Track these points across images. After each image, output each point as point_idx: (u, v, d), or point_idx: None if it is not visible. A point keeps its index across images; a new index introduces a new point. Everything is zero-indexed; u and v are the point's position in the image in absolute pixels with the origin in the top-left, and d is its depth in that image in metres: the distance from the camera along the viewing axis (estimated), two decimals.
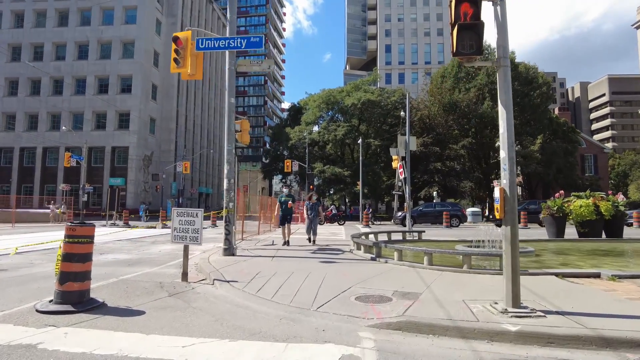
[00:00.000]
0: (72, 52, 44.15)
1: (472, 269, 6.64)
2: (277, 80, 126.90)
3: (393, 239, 12.54)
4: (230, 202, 8.77)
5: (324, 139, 41.33)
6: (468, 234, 18.15)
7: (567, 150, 38.30)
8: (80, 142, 39.23)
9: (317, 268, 7.12)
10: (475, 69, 40.37)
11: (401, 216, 25.49)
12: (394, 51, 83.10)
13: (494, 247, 9.92)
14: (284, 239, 11.39)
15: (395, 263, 7.42)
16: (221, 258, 8.37)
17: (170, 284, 6.22)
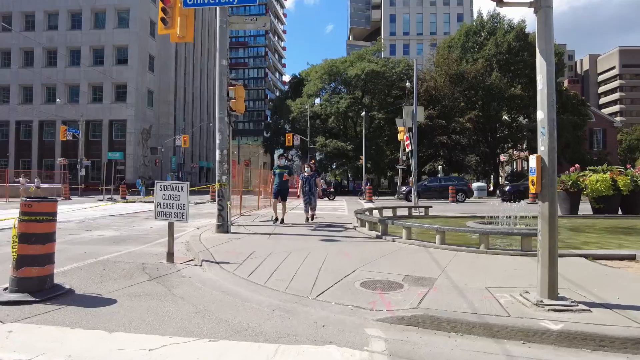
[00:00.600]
0: (64, 21, 42.56)
1: (491, 248, 5.97)
2: (278, 51, 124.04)
3: (398, 215, 11.89)
4: (223, 175, 8.05)
5: (326, 112, 40.24)
6: (476, 209, 17.49)
7: (576, 124, 37.16)
8: (76, 115, 38.33)
9: (318, 247, 6.47)
10: (483, 39, 38.78)
11: (405, 191, 24.83)
12: (399, 21, 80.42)
13: (508, 224, 9.27)
14: (274, 214, 10.32)
15: (404, 242, 6.76)
16: (214, 235, 7.73)
17: (153, 266, 5.59)
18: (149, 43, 44.34)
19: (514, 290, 3.96)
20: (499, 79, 34.38)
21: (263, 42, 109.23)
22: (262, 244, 6.84)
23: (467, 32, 39.26)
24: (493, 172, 40.39)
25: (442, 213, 13.72)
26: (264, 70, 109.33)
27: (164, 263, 5.75)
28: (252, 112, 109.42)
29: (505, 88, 34.06)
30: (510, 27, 36.66)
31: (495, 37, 36.04)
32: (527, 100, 35.47)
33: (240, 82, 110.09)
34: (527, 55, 35.62)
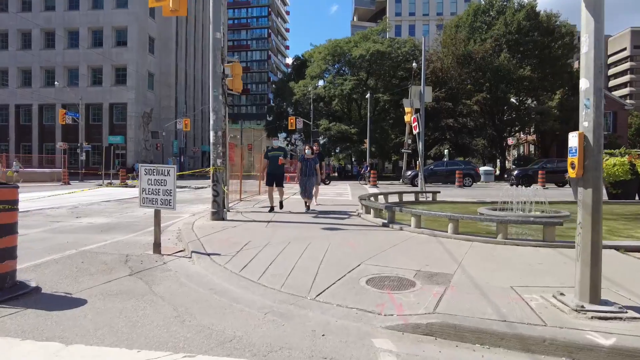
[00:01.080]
0: (62, 2, 41.54)
1: (509, 238, 5.41)
2: (281, 33, 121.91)
3: (405, 201, 11.34)
4: (217, 159, 7.49)
5: (329, 94, 39.36)
6: (485, 194, 16.90)
7: None
8: (76, 98, 37.70)
9: (319, 237, 5.94)
10: (492, 18, 37.47)
11: (410, 175, 24.21)
12: (405, 1, 78.40)
13: (523, 211, 8.69)
14: (270, 203, 9.27)
15: (413, 230, 6.22)
16: (208, 223, 7.22)
17: (138, 258, 5.09)
18: (149, 24, 43.33)
19: (545, 291, 3.41)
20: (508, 60, 33.25)
21: (266, 24, 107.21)
22: (259, 232, 6.32)
23: (475, 11, 37.91)
24: (500, 156, 39.57)
25: (449, 198, 13.16)
26: (266, 53, 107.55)
27: (150, 254, 5.25)
28: (255, 95, 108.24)
29: (514, 69, 32.98)
30: (520, 6, 35.32)
31: (504, 16, 34.74)
32: (536, 82, 34.41)
33: (243, 64, 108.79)
34: (537, 35, 34.39)
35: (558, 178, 22.87)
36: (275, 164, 9.02)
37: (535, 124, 34.34)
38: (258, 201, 12.34)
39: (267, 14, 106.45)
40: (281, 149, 9.48)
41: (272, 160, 9.07)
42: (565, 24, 35.13)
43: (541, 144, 42.39)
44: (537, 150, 44.84)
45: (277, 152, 9.16)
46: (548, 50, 34.37)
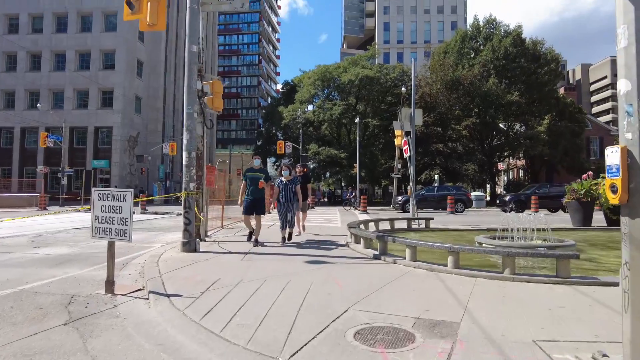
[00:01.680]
0: (50, 25, 41.24)
1: (517, 274, 4.73)
2: (272, 60, 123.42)
3: (397, 228, 10.65)
4: (191, 183, 6.76)
5: (319, 119, 39.13)
6: (479, 220, 16.31)
7: (574, 132, 36.35)
8: (60, 121, 36.85)
9: (301, 272, 5.18)
10: (479, 44, 38.06)
11: (401, 201, 23.65)
12: (393, 29, 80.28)
13: (525, 239, 8.06)
14: (248, 228, 8.02)
15: (408, 264, 5.50)
16: (177, 255, 6.42)
17: (84, 299, 4.27)
18: (138, 48, 43.12)
19: (578, 348, 2.71)
20: (496, 85, 33.51)
21: (256, 50, 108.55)
22: (233, 267, 5.54)
23: (462, 37, 38.52)
24: (490, 181, 39.37)
25: (443, 225, 12.52)
26: (257, 79, 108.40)
27: (100, 295, 4.44)
28: (245, 120, 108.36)
29: (503, 94, 33.20)
30: (506, 33, 35.95)
31: (491, 43, 35.27)
32: (524, 107, 34.64)
33: (234, 90, 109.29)
34: (524, 61, 34.88)
35: (551, 203, 22.49)
36: (255, 187, 7.63)
37: (525, 149, 34.32)
38: (241, 228, 11.54)
39: (258, 40, 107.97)
40: (262, 170, 8.01)
41: (251, 183, 7.67)
42: (550, 51, 35.75)
43: (530, 168, 42.44)
44: (527, 175, 44.86)
45: (257, 174, 7.70)
46: (535, 76, 34.80)
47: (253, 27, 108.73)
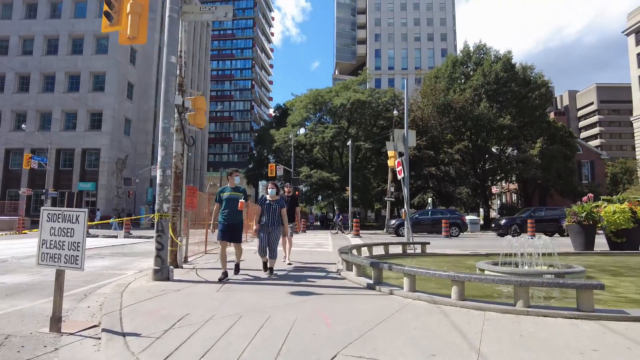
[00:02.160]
0: (40, 47, 41.03)
1: (532, 306, 4.11)
2: (265, 85, 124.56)
3: (391, 253, 10.01)
4: (165, 203, 6.12)
5: (310, 142, 38.83)
6: (476, 245, 15.73)
7: (566, 156, 36.40)
8: (46, 143, 36.10)
9: (283, 306, 4.49)
10: (470, 69, 38.45)
11: (395, 224, 23.05)
12: (384, 56, 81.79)
13: (529, 265, 7.46)
14: (223, 267, 6.40)
15: (406, 295, 4.85)
16: (147, 285, 5.71)
17: (20, 340, 3.56)
18: (129, 70, 42.94)
19: None
20: (488, 109, 33.62)
21: (249, 75, 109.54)
22: (206, 299, 4.84)
23: (453, 62, 38.94)
24: (483, 204, 39.01)
25: (439, 250, 11.90)
26: (249, 103, 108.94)
27: (43, 334, 3.73)
28: (237, 144, 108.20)
29: (494, 118, 33.28)
30: (497, 58, 36.39)
31: (482, 67, 35.63)
32: (516, 130, 34.72)
33: (226, 114, 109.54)
34: (514, 85, 35.19)
35: (547, 227, 22.05)
36: (233, 209, 6.42)
37: (518, 172, 34.16)
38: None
39: (251, 66, 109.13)
40: (239, 190, 6.66)
41: (227, 205, 6.45)
42: (539, 76, 36.18)
43: (523, 192, 42.26)
44: (520, 199, 44.66)
45: (234, 194, 6.49)
46: (526, 100, 35.06)
47: (246, 52, 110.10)
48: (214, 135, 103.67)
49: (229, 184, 6.66)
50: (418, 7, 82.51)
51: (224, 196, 6.55)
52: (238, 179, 6.95)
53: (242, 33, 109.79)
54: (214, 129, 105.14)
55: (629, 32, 64.11)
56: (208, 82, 71.85)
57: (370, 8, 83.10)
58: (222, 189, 6.71)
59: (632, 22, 62.73)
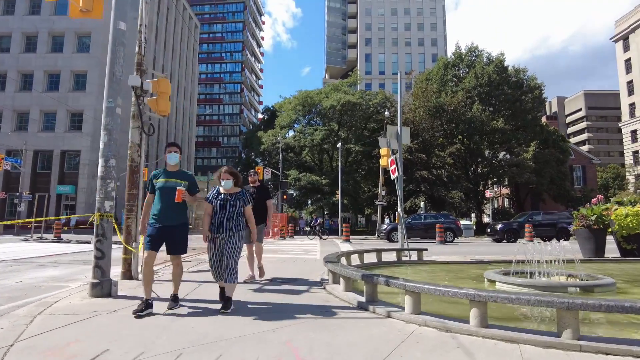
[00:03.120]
0: (18, 44, 39.38)
1: (584, 338, 3.00)
2: (254, 89, 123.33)
3: (385, 261, 8.89)
4: (107, 201, 4.91)
5: (299, 144, 37.69)
6: (474, 251, 14.68)
7: (559, 160, 35.84)
8: (21, 143, 34.42)
9: (243, 339, 3.29)
10: (462, 71, 37.78)
11: (387, 229, 21.99)
12: (374, 61, 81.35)
13: (546, 275, 6.40)
14: (146, 295, 4.14)
15: (409, 319, 3.71)
16: (80, 303, 4.48)
17: None
18: None
19: None
20: (481, 112, 32.89)
21: (239, 79, 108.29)
22: (141, 328, 3.61)
23: (445, 65, 38.27)
24: (476, 209, 38.19)
25: (436, 257, 10.81)
26: (239, 107, 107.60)
27: None
28: (227, 148, 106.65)
29: (487, 121, 32.55)
30: (489, 60, 35.79)
31: (474, 70, 34.98)
32: (509, 133, 34.04)
33: (215, 117, 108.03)
34: (506, 88, 34.58)
35: (544, 232, 21.14)
36: (168, 203, 4.27)
37: (512, 176, 33.42)
38: (200, 261, 9.61)
39: (241, 69, 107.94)
40: (184, 174, 4.50)
41: (161, 197, 4.32)
42: (532, 78, 35.63)
43: (516, 197, 41.61)
44: (512, 204, 44.01)
45: (172, 181, 4.33)
46: (519, 103, 34.45)
47: (236, 56, 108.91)
48: (202, 139, 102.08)
49: (167, 165, 4.51)
50: (409, 12, 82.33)
51: (158, 183, 4.37)
52: (176, 156, 4.46)
53: (232, 36, 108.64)
54: (202, 132, 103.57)
55: (617, 38, 64.55)
56: (196, 84, 70.50)
57: (361, 12, 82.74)
58: (155, 172, 4.51)
59: (620, 28, 63.19)
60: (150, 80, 6.75)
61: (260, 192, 6.61)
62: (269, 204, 6.71)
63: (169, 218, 4.29)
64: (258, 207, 5.99)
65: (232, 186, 4.58)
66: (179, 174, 4.47)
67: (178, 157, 4.51)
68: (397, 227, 20.95)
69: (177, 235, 4.36)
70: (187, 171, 4.67)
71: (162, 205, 4.30)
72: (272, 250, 14.22)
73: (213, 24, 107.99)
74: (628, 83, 61.87)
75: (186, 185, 4.36)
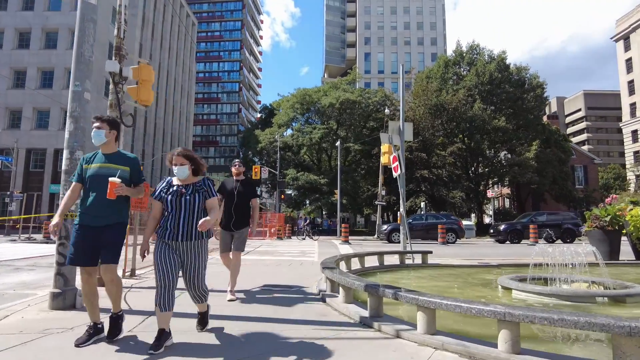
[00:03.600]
0: (11, 40, 38.56)
1: None
2: (253, 88, 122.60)
3: (387, 264, 8.27)
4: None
5: (297, 143, 37.01)
6: (479, 253, 14.06)
7: (561, 160, 35.27)
8: (13, 142, 33.73)
9: None
10: (462, 69, 37.18)
11: (387, 230, 21.37)
12: (374, 60, 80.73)
13: (567, 282, 5.78)
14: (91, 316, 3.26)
15: (423, 341, 3.08)
16: (36, 317, 3.84)
17: None
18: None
19: None
20: (482, 110, 32.27)
21: (237, 78, 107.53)
22: (89, 356, 2.98)
23: (445, 63, 37.64)
24: (476, 209, 37.56)
25: (441, 260, 10.20)
26: (237, 106, 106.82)
27: None
28: (225, 147, 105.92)
29: (489, 120, 31.94)
30: (490, 58, 35.19)
31: (476, 67, 34.36)
32: (511, 133, 33.43)
33: (213, 117, 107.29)
34: (508, 87, 33.98)
35: (549, 233, 20.56)
36: (99, 197, 3.21)
37: (513, 176, 32.79)
38: None
39: (239, 68, 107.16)
40: (123, 157, 3.41)
41: (91, 188, 3.26)
42: (535, 76, 35.02)
43: (516, 197, 41.02)
44: (513, 204, 43.43)
45: (107, 166, 3.28)
46: (520, 101, 33.85)
47: (234, 55, 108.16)
48: (199, 139, 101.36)
49: (102, 147, 3.36)
50: (408, 11, 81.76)
51: (89, 170, 3.29)
52: (102, 133, 3.30)
53: (230, 35, 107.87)
54: (200, 131, 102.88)
55: (617, 38, 64.09)
56: (193, 83, 69.76)
57: (360, 11, 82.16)
58: (87, 156, 3.41)
59: (621, 28, 62.73)
60: (131, 66, 6.10)
61: (246, 188, 5.27)
62: (254, 203, 5.33)
63: (100, 216, 3.18)
64: (241, 207, 5.12)
65: (188, 174, 3.25)
66: (118, 157, 3.35)
67: (104, 133, 3.30)
68: (398, 227, 20.37)
69: (108, 237, 3.17)
70: (129, 154, 3.49)
71: (92, 198, 3.20)
72: (268, 252, 13.60)
73: (211, 22, 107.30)
74: (629, 83, 61.39)
75: (127, 173, 3.30)
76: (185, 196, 3.21)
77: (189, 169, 3.26)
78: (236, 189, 5.20)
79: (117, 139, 3.49)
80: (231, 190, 5.20)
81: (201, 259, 3.23)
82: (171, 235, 3.14)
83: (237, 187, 5.22)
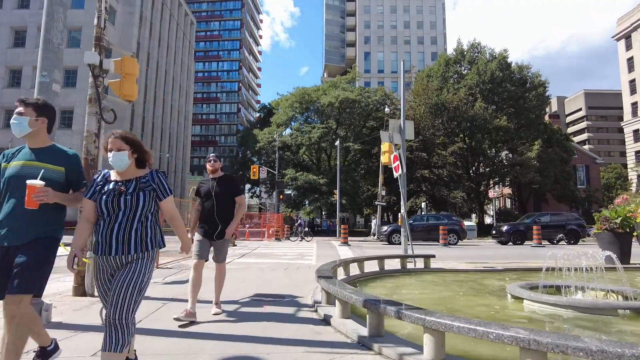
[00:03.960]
0: (6, 39, 38.16)
1: None
2: (252, 88, 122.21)
3: (388, 269, 7.84)
4: None
5: (296, 142, 36.57)
6: (482, 255, 13.63)
7: (563, 159, 34.84)
8: (6, 141, 33.29)
9: None
10: (463, 68, 36.74)
11: (387, 231, 20.94)
12: (373, 59, 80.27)
13: (583, 290, 5.37)
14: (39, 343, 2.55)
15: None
16: None
17: None
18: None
19: None
20: (483, 109, 31.84)
21: (236, 77, 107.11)
22: None
23: (446, 62, 37.19)
24: (477, 210, 37.12)
25: (443, 263, 9.77)
26: (236, 106, 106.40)
27: None
28: (224, 147, 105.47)
29: (490, 119, 31.51)
30: (492, 57, 34.74)
31: (477, 66, 33.91)
32: (512, 132, 33.00)
33: (212, 116, 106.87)
34: (510, 85, 33.54)
35: (552, 234, 20.16)
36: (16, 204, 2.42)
37: (515, 176, 32.36)
38: (182, 269, 8.57)
39: (238, 68, 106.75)
40: (58, 153, 2.62)
41: (8, 192, 2.47)
42: (536, 75, 34.59)
43: (518, 197, 40.59)
44: (514, 204, 43.01)
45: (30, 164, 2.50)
46: (522, 100, 33.42)
47: (233, 54, 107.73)
48: (198, 138, 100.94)
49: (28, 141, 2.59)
50: (408, 10, 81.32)
51: (8, 170, 2.51)
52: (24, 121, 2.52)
53: (229, 34, 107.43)
54: (198, 131, 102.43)
55: (618, 37, 63.67)
56: (192, 82, 69.34)
57: (359, 10, 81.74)
58: (8, 152, 2.62)
59: (622, 27, 62.31)
60: (117, 60, 5.67)
61: (225, 187, 4.40)
62: (240, 200, 4.48)
63: (14, 232, 2.39)
64: (225, 211, 4.33)
65: (128, 164, 2.37)
66: (50, 152, 2.58)
67: (27, 121, 2.50)
68: (398, 228, 19.94)
69: (22, 256, 2.34)
70: (67, 149, 2.68)
71: (9, 207, 2.42)
72: (264, 254, 13.18)
73: (210, 21, 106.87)
74: (630, 82, 60.94)
75: (60, 174, 2.55)
76: (125, 195, 2.31)
77: (130, 156, 2.36)
78: (213, 189, 4.34)
79: (49, 129, 2.64)
80: (208, 192, 4.35)
81: (137, 281, 2.22)
82: (103, 247, 2.28)
83: (214, 188, 4.36)
